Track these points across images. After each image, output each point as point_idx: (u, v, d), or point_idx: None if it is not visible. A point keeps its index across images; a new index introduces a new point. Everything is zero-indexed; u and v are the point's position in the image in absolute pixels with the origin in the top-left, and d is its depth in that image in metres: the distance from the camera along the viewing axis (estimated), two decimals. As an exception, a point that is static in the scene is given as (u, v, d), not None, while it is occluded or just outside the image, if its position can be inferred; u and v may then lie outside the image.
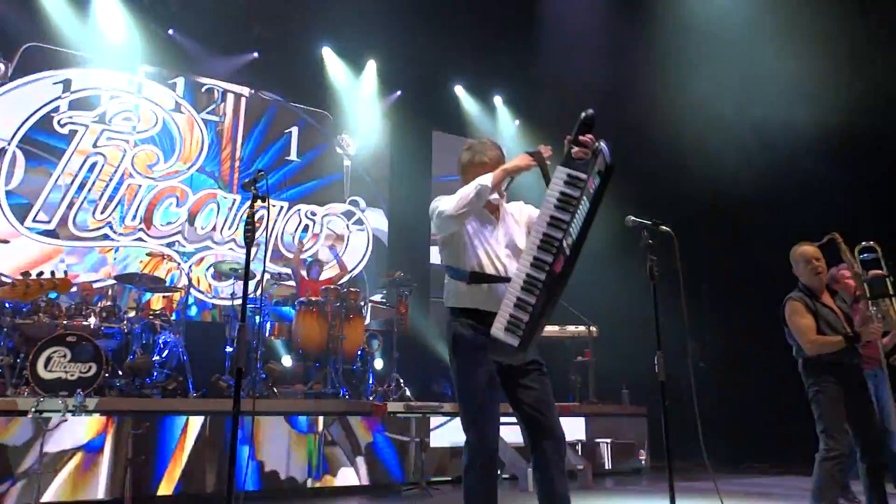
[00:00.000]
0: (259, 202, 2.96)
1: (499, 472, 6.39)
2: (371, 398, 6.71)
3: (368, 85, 10.02)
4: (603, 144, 2.58)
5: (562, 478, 2.75)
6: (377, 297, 8.97)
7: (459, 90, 10.61)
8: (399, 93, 10.29)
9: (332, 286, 7.22)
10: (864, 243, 4.39)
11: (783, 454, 7.51)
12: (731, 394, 8.17)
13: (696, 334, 6.88)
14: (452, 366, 2.82)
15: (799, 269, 3.97)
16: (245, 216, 3.02)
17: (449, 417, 6.42)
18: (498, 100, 10.98)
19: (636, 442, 7.52)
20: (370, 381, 6.97)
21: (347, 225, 9.84)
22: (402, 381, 6.99)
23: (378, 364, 7.33)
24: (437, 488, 5.82)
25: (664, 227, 3.61)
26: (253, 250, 3.02)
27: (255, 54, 9.32)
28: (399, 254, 9.95)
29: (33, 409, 4.90)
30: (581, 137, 2.62)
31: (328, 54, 9.70)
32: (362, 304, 7.31)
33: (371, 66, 9.94)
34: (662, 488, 5.88)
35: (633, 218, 3.68)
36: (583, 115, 2.67)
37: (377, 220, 10.16)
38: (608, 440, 7.30)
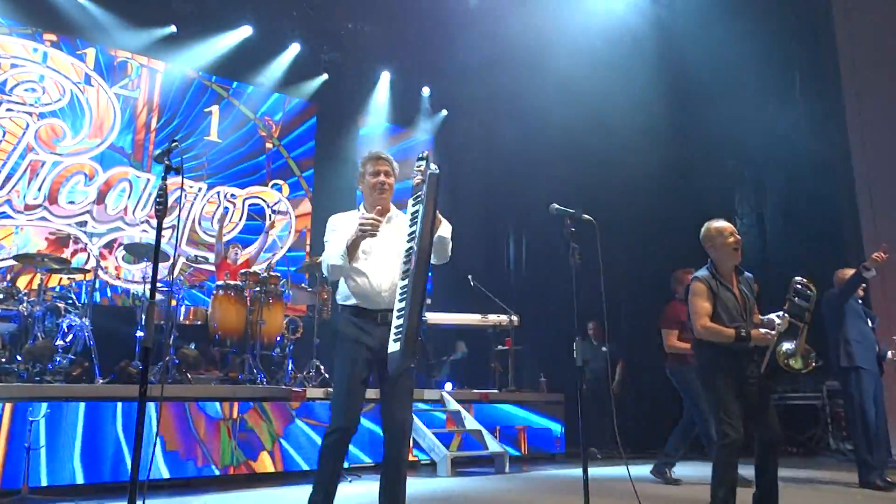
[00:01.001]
0: (173, 175, 2.82)
1: (418, 458, 6.43)
2: (290, 384, 6.58)
3: (293, 67, 9.76)
4: (433, 166, 3.11)
5: (400, 462, 3.10)
6: (299, 283, 8.80)
7: (386, 77, 10.49)
8: (325, 76, 10.09)
9: (251, 270, 7.03)
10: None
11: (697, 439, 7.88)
12: (650, 381, 8.48)
13: (613, 322, 7.11)
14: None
15: (715, 244, 3.83)
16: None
17: (368, 403, 6.38)
18: (426, 90, 10.94)
19: (552, 428, 7.70)
20: (289, 368, 6.83)
21: (270, 209, 9.60)
22: (322, 367, 6.89)
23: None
24: (356, 474, 5.78)
25: (586, 216, 3.69)
26: (168, 232, 2.89)
27: (174, 28, 8.91)
28: (322, 239, 9.77)
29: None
30: (418, 166, 3.15)
31: (250, 32, 9.35)
32: (283, 289, 7.15)
33: (295, 48, 9.68)
34: (577, 474, 6.04)
35: (556, 206, 3.75)
36: (419, 156, 3.21)
37: (300, 206, 9.96)
38: (525, 427, 7.46)
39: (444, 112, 11.18)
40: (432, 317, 8.04)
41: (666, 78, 9.00)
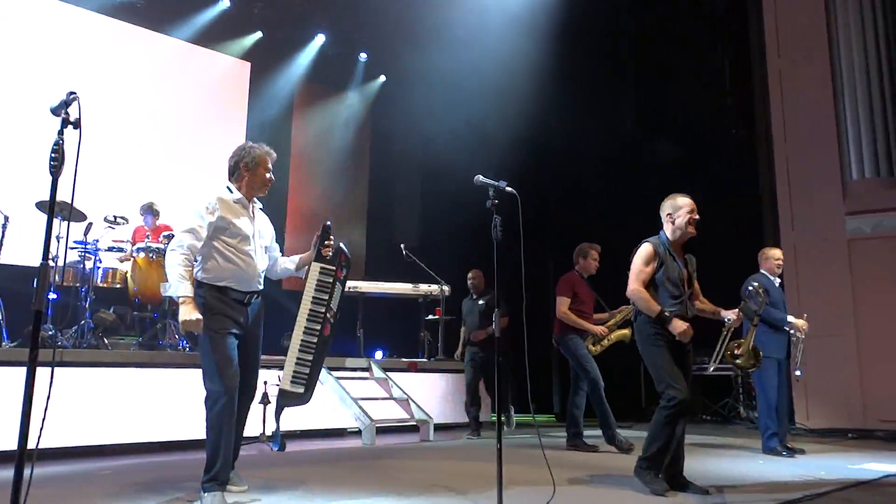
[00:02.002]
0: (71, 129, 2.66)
1: (346, 428, 6.44)
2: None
3: (224, 23, 9.36)
4: (342, 244, 3.82)
5: (240, 417, 3.49)
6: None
7: (320, 40, 10.18)
8: (260, 34, 9.75)
9: (174, 233, 6.79)
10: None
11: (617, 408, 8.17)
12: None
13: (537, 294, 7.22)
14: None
15: (676, 216, 3.95)
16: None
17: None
18: (363, 55, 10.69)
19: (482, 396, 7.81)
20: (213, 334, 6.68)
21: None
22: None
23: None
24: (280, 441, 5.73)
25: (509, 189, 3.69)
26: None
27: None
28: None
29: None
30: (326, 242, 3.75)
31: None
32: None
33: (224, 3, 9.27)
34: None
35: (481, 178, 3.74)
36: (322, 226, 3.81)
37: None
38: (451, 395, 7.55)
39: (382, 78, 10.99)
40: (364, 286, 8.00)
41: (605, 52, 9.09)
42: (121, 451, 5.18)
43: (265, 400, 5.74)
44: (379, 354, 7.71)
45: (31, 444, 2.32)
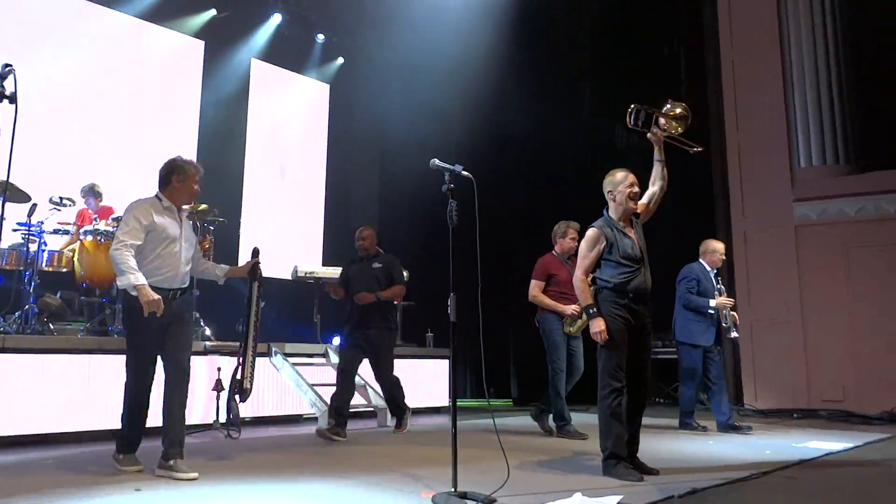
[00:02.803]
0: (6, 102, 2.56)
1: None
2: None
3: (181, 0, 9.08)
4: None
5: (180, 399, 3.86)
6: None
7: (276, 19, 9.95)
8: (214, 11, 9.48)
9: (119, 215, 6.59)
10: None
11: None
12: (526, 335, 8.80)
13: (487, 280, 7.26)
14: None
15: (616, 191, 3.99)
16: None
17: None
18: (320, 37, 10.50)
19: (436, 383, 7.84)
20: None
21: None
22: (201, 319, 6.65)
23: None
24: (235, 429, 5.66)
25: (465, 172, 3.68)
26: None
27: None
28: (209, 187, 9.31)
29: None
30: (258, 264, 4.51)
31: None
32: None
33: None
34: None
35: (437, 162, 3.72)
36: (253, 249, 4.53)
37: (185, 148, 9.40)
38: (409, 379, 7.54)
39: (341, 60, 10.82)
40: (321, 271, 7.92)
41: (563, 36, 9.13)
42: (66, 440, 5.04)
43: (219, 387, 5.63)
44: (337, 340, 7.63)
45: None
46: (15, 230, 5.95)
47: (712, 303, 5.91)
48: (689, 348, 6.01)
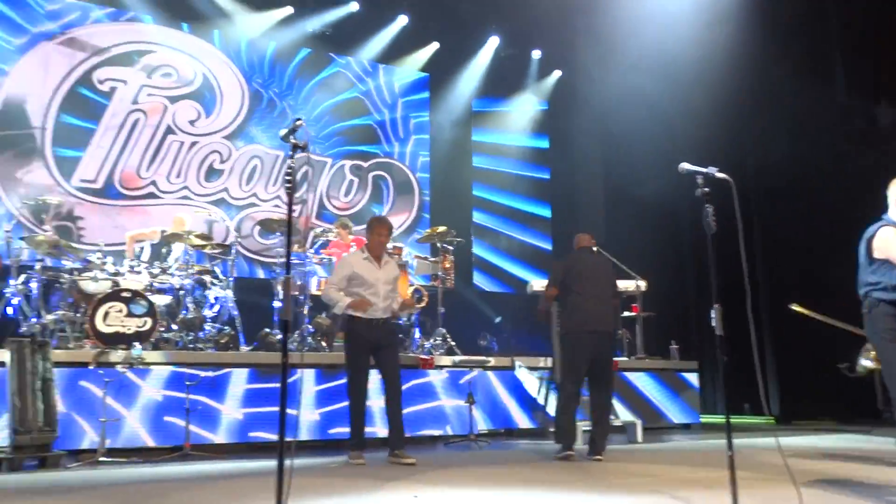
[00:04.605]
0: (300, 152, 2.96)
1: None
2: (417, 352, 6.77)
3: (402, 39, 9.77)
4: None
5: (397, 408, 4.89)
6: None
7: (494, 42, 10.26)
8: (437, 45, 10.06)
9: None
10: None
11: (848, 407, 7.39)
12: (789, 346, 8.00)
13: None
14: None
15: None
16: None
17: (496, 372, 6.48)
18: (536, 53, 10.62)
19: (686, 397, 7.43)
20: (416, 336, 7.02)
21: (391, 181, 9.81)
22: (448, 335, 7.02)
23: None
24: (485, 441, 5.88)
25: (721, 175, 3.44)
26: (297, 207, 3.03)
27: (291, 9, 9.17)
28: (441, 209, 9.89)
29: (94, 361, 5.08)
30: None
31: (356, 7, 9.45)
32: (406, 259, 7.30)
33: (402, 20, 9.69)
34: (717, 444, 5.85)
35: (686, 166, 3.51)
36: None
37: (420, 173, 10.09)
38: (657, 394, 7.25)
39: (558, 73, 10.83)
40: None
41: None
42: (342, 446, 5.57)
43: (470, 400, 5.88)
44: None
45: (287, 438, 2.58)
46: (294, 262, 6.80)
47: None
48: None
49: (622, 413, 6.42)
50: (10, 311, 5.87)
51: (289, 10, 9.16)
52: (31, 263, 6.06)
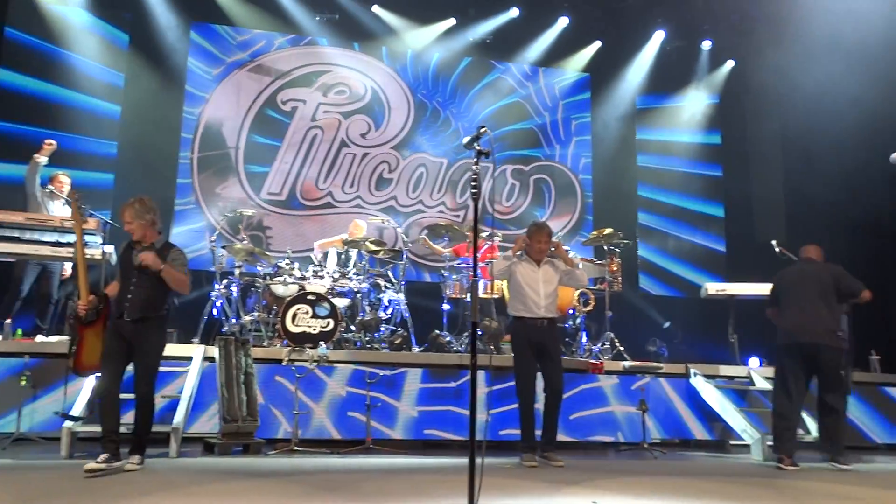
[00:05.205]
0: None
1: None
2: (584, 356, 6.67)
3: (564, 40, 9.70)
4: None
5: (554, 412, 4.93)
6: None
7: (660, 36, 9.86)
8: (599, 44, 9.87)
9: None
10: None
11: None
12: None
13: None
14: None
15: None
16: (471, 176, 3.10)
17: (669, 379, 6.22)
18: (706, 44, 10.05)
19: (891, 414, 6.66)
20: (583, 340, 6.92)
21: (553, 184, 9.77)
22: (616, 340, 6.85)
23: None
24: (659, 450, 5.66)
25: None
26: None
27: (454, 20, 9.44)
28: (605, 211, 9.67)
29: (287, 358, 5.55)
30: None
31: (517, 13, 9.50)
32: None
33: (563, 22, 9.60)
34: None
35: (902, 156, 3.16)
36: None
37: (582, 174, 9.95)
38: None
39: (731, 63, 10.17)
40: (732, 288, 7.44)
41: None
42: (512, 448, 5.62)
43: (643, 407, 5.69)
44: (754, 362, 7.07)
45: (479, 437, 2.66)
46: (458, 265, 7.00)
47: None
48: None
49: (813, 428, 5.86)
50: (214, 312, 6.58)
51: (451, 21, 9.45)
52: (231, 269, 6.74)
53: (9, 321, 5.71)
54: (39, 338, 5.70)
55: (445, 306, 6.95)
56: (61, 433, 4.60)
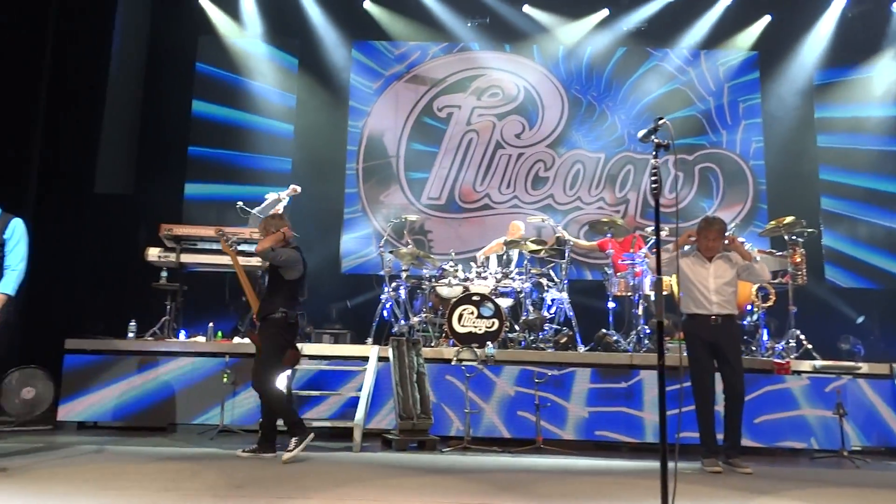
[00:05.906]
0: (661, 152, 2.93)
1: None
2: (766, 355, 6.19)
3: (728, 19, 9.10)
4: None
5: (735, 416, 4.69)
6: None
7: (840, 3, 8.90)
8: (768, 18, 9.13)
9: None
10: None
11: None
12: None
13: None
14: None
15: None
16: (651, 171, 3.02)
17: (870, 380, 5.61)
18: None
19: None
20: (763, 338, 6.42)
21: (721, 172, 9.18)
22: (802, 337, 6.29)
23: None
24: (861, 458, 5.11)
25: None
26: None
27: (607, 11, 9.20)
28: (781, 198, 8.91)
29: (455, 358, 5.69)
30: None
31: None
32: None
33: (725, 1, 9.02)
34: None
35: None
36: None
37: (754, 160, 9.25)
38: None
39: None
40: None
41: None
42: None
43: (840, 411, 5.17)
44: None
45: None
46: (622, 262, 6.79)
47: None
48: None
49: None
50: (385, 314, 6.90)
51: (604, 12, 9.21)
52: (398, 273, 7.03)
53: (211, 324, 6.36)
54: (237, 339, 6.29)
55: (610, 304, 6.76)
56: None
